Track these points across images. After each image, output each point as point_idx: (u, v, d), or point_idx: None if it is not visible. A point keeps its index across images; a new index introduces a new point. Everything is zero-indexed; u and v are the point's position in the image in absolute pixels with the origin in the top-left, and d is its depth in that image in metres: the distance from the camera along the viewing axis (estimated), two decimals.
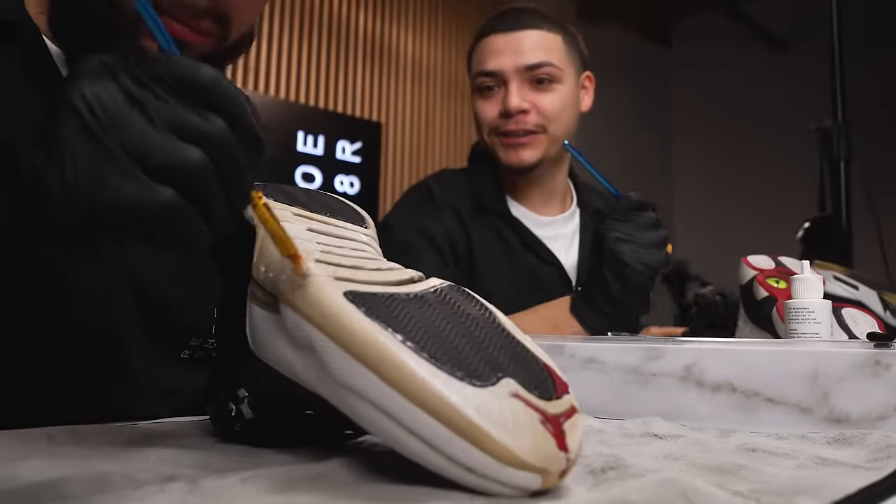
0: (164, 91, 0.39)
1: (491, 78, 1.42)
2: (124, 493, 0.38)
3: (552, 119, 1.41)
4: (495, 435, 0.37)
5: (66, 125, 0.37)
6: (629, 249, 1.14)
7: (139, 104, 0.38)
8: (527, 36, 1.41)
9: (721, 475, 0.44)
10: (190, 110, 0.39)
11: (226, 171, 0.40)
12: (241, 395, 0.53)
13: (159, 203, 0.38)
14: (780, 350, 0.68)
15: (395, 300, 0.44)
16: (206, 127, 0.39)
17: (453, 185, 1.46)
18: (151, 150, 0.37)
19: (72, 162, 0.37)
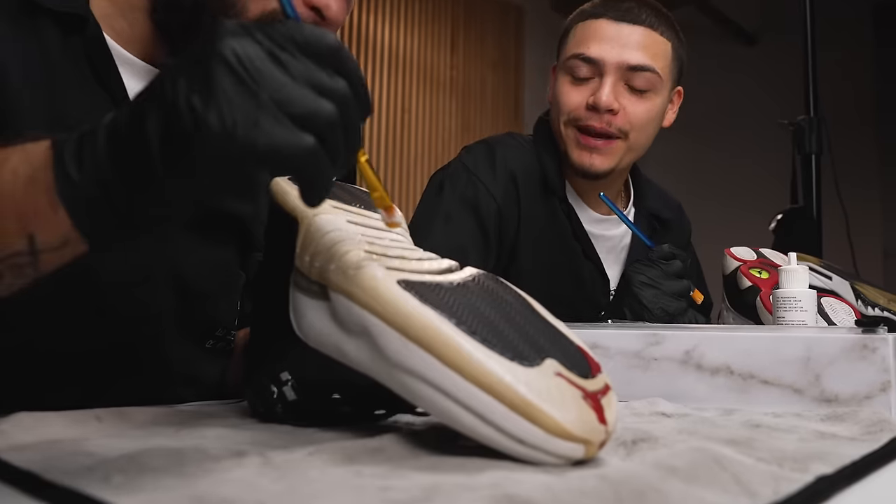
0: (297, 52, 0.43)
1: (587, 65, 1.29)
2: (205, 465, 0.41)
3: (638, 128, 1.31)
4: (545, 409, 0.41)
5: (220, 75, 0.41)
6: (651, 294, 1.17)
7: (279, 61, 0.42)
8: (638, 32, 1.29)
9: (737, 446, 0.48)
10: (320, 69, 0.44)
11: (347, 125, 0.45)
12: (283, 377, 0.57)
13: (303, 147, 0.42)
14: (775, 336, 0.73)
15: (442, 288, 0.47)
16: (334, 85, 0.44)
17: (519, 153, 1.37)
18: (294, 101, 0.42)
19: (228, 106, 0.41)
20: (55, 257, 0.47)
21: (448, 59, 4.47)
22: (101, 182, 0.44)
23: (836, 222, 2.03)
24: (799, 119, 1.96)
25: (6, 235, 0.46)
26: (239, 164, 0.42)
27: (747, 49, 5.11)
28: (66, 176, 0.45)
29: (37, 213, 0.45)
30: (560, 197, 1.36)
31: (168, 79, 0.42)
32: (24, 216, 0.46)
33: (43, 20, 0.71)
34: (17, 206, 0.46)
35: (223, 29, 0.43)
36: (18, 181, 0.46)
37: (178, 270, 0.78)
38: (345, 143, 0.45)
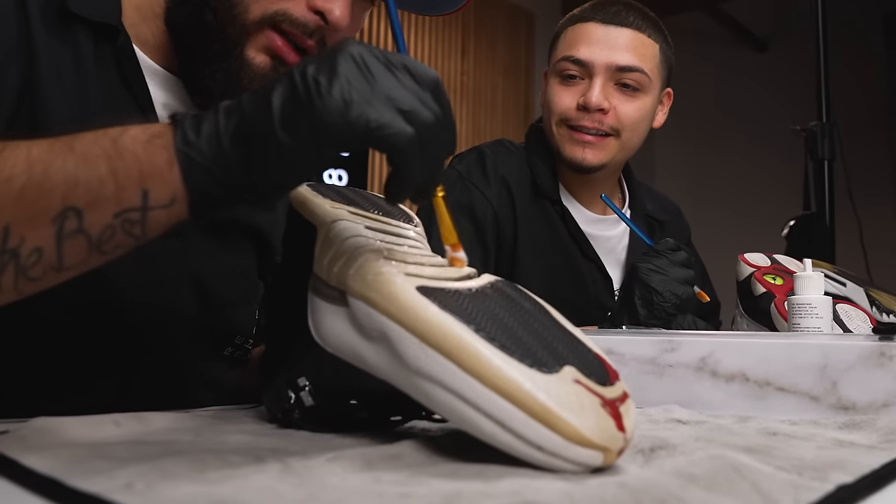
0: (407, 73, 0.50)
1: (577, 67, 1.34)
2: (225, 471, 0.41)
3: (629, 127, 1.35)
4: (564, 416, 0.41)
5: (344, 64, 0.48)
6: (659, 279, 1.21)
7: (392, 72, 0.49)
8: (626, 35, 1.33)
9: (755, 454, 0.48)
10: (423, 91, 0.50)
11: (437, 145, 0.50)
12: (301, 383, 0.57)
13: (406, 132, 0.48)
14: (791, 343, 0.73)
15: (460, 294, 0.48)
16: (433, 106, 0.50)
17: (510, 159, 1.41)
18: (402, 99, 0.48)
19: (348, 86, 0.47)
20: (162, 216, 0.51)
21: (459, 64, 4.48)
22: (216, 142, 0.49)
23: (849, 228, 2.02)
24: (811, 125, 1.95)
25: (125, 190, 0.49)
26: (349, 136, 0.48)
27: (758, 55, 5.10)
28: (184, 135, 0.50)
29: (154, 170, 0.50)
30: (553, 199, 1.39)
31: (297, 67, 0.49)
32: (143, 172, 0.49)
33: (77, 28, 0.72)
34: (138, 163, 0.50)
35: (351, 41, 0.50)
36: (139, 142, 0.50)
37: (198, 277, 0.79)
38: (436, 155, 0.50)
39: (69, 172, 0.49)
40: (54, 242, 0.49)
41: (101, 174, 0.49)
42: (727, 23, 4.94)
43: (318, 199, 0.59)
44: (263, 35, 0.72)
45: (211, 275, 0.80)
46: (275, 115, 0.48)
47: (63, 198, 0.49)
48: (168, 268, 0.76)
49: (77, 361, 0.72)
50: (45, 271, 0.50)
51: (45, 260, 0.49)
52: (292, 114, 0.48)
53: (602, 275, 1.41)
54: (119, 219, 0.50)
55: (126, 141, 0.50)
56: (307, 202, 0.59)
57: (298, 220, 0.59)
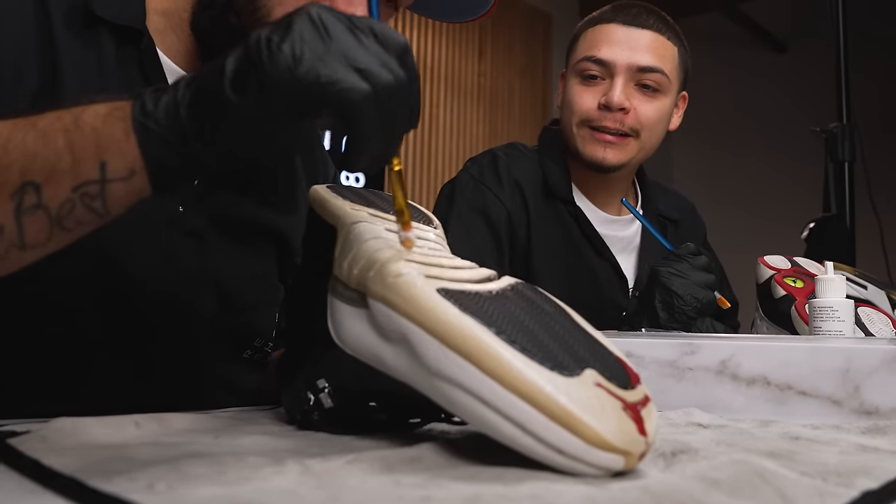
0: (372, 37, 0.49)
1: (598, 66, 1.35)
2: (245, 473, 0.41)
3: (648, 127, 1.36)
4: (585, 419, 0.41)
5: (301, 23, 0.47)
6: (681, 283, 1.20)
7: (354, 34, 0.48)
8: (647, 36, 1.35)
9: (778, 459, 0.48)
10: (387, 54, 0.48)
11: (398, 110, 0.49)
12: (320, 385, 0.57)
13: (360, 88, 0.47)
14: (813, 346, 0.72)
15: (481, 297, 0.47)
16: (396, 69, 0.48)
17: (522, 162, 1.42)
18: (359, 58, 0.47)
19: (300, 43, 0.47)
20: (122, 190, 0.50)
21: (476, 66, 4.48)
22: (173, 111, 0.49)
23: (870, 231, 2.01)
24: (831, 126, 1.94)
25: (83, 162, 0.49)
26: (300, 93, 0.47)
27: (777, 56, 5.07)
28: (142, 106, 0.49)
29: (111, 141, 0.49)
30: (566, 199, 1.40)
31: (254, 32, 0.48)
32: (100, 144, 0.49)
33: (100, 30, 0.73)
34: (95, 135, 0.50)
35: (312, 3, 0.49)
36: (98, 116, 0.50)
37: (218, 279, 0.79)
38: (393, 122, 0.48)
39: (28, 147, 0.49)
40: (13, 218, 0.49)
41: (58, 147, 0.49)
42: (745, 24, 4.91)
43: (338, 201, 0.59)
44: None
45: (231, 277, 0.80)
46: (226, 76, 0.48)
47: (21, 173, 0.49)
48: (188, 269, 0.76)
49: (97, 360, 0.73)
50: (8, 248, 0.50)
51: (7, 237, 0.50)
52: (242, 73, 0.47)
53: (617, 274, 1.41)
54: (78, 192, 0.50)
55: (87, 115, 0.50)
56: (326, 204, 0.59)
57: (318, 221, 0.59)
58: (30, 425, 0.53)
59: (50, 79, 0.69)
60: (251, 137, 0.50)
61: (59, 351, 0.71)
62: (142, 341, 0.74)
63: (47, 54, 0.70)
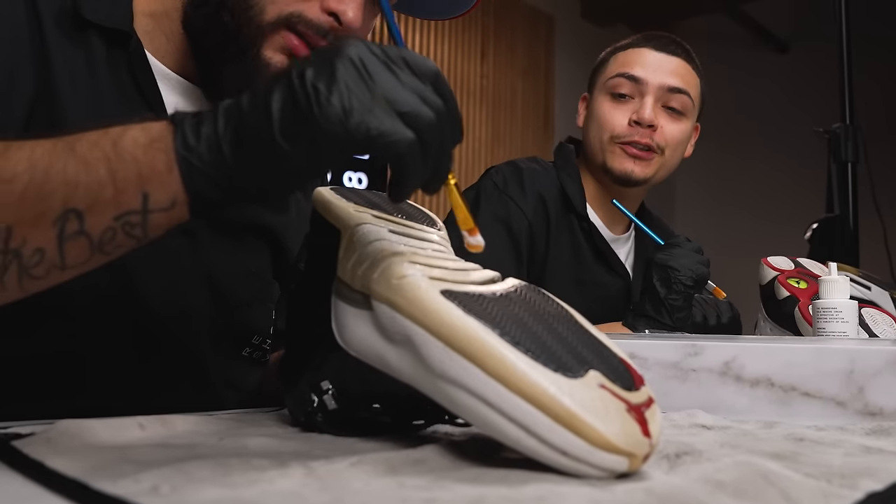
0: (406, 67, 0.50)
1: (630, 83, 1.43)
2: (249, 475, 0.41)
3: (672, 146, 1.44)
4: (589, 421, 0.41)
5: (343, 69, 0.48)
6: (677, 261, 1.30)
7: (391, 70, 0.49)
8: (675, 62, 1.44)
9: (782, 460, 0.48)
10: (424, 85, 0.50)
11: (442, 139, 0.50)
12: (324, 386, 0.57)
13: (406, 137, 0.48)
14: (817, 347, 0.72)
15: (485, 298, 0.47)
16: (434, 99, 0.49)
17: (543, 175, 1.47)
18: (401, 101, 0.48)
19: (348, 93, 0.47)
20: (163, 219, 0.51)
21: (478, 67, 4.48)
22: (216, 147, 0.49)
23: (873, 231, 2.00)
24: (834, 127, 1.94)
25: (125, 193, 0.50)
26: (349, 144, 0.48)
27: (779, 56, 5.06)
28: (184, 139, 0.50)
29: (153, 173, 0.50)
30: (581, 215, 1.46)
31: (295, 69, 0.49)
32: (142, 176, 0.50)
33: (90, 33, 0.74)
34: (137, 166, 0.50)
35: (348, 40, 0.49)
36: (139, 145, 0.50)
37: (212, 276, 0.79)
38: (440, 152, 0.50)
39: (70, 175, 0.50)
40: (56, 244, 0.50)
41: (100, 177, 0.50)
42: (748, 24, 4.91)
43: (342, 203, 0.59)
44: (279, 35, 0.73)
45: (225, 274, 0.81)
46: (274, 123, 0.48)
47: (64, 200, 0.49)
48: (183, 267, 0.77)
49: (97, 360, 0.73)
50: (49, 270, 0.51)
51: (48, 260, 0.50)
52: (292, 121, 0.48)
53: (626, 287, 1.48)
54: (119, 221, 0.50)
55: (126, 143, 0.50)
56: (330, 205, 0.59)
57: (322, 223, 0.59)
58: (34, 427, 0.54)
59: (45, 84, 0.70)
60: (297, 177, 0.51)
61: (59, 352, 0.71)
62: (141, 341, 0.75)
63: (40, 59, 0.70)
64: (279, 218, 0.87)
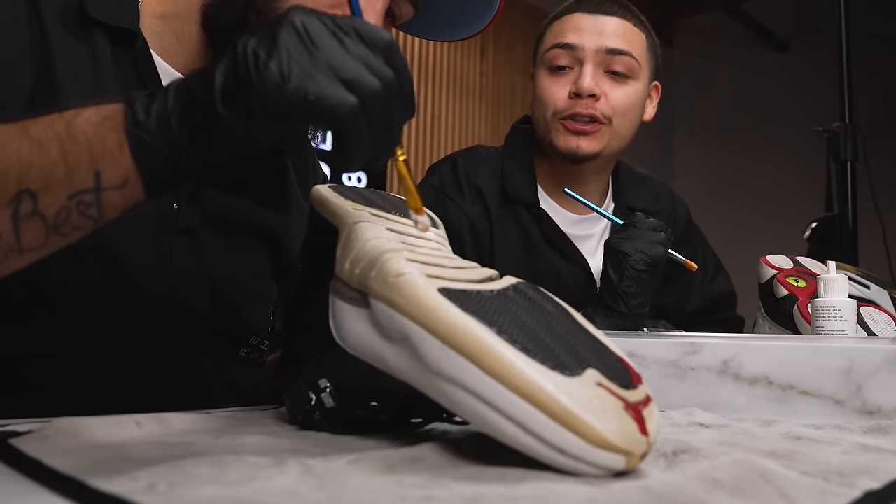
0: (356, 37, 0.49)
1: (567, 53, 1.34)
2: (245, 473, 0.41)
3: (620, 113, 1.35)
4: (587, 419, 0.41)
5: (286, 35, 0.48)
6: (629, 245, 1.20)
7: (339, 39, 0.49)
8: (613, 22, 1.35)
9: (780, 458, 0.48)
10: (374, 55, 0.49)
11: (390, 111, 0.49)
12: (322, 385, 0.57)
13: (348, 103, 0.47)
14: (815, 346, 0.72)
15: (482, 296, 0.47)
16: (383, 70, 0.49)
17: (483, 167, 1.40)
18: (345, 68, 0.48)
19: (287, 59, 0.47)
20: (117, 197, 0.51)
21: (478, 65, 4.48)
22: (164, 122, 0.49)
23: (872, 230, 2.00)
24: (834, 126, 1.94)
25: (77, 171, 0.50)
26: (289, 110, 0.47)
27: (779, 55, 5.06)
28: (133, 116, 0.50)
29: (104, 151, 0.50)
30: (527, 203, 1.38)
31: (240, 41, 0.49)
32: (93, 154, 0.50)
33: (95, 31, 0.74)
34: (89, 145, 0.50)
35: (296, 8, 0.49)
36: (91, 124, 0.51)
37: (211, 276, 0.79)
38: (385, 124, 0.49)
39: (24, 156, 0.50)
40: (11, 225, 0.50)
41: (52, 157, 0.50)
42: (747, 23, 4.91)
43: (340, 201, 0.59)
44: None
45: (225, 275, 0.81)
46: (216, 91, 0.48)
47: (17, 181, 0.50)
48: (183, 266, 0.77)
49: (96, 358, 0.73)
50: (6, 253, 0.51)
51: (5, 242, 0.50)
52: (232, 88, 0.48)
53: (586, 276, 1.39)
54: (73, 200, 0.50)
55: (79, 122, 0.51)
56: (328, 203, 0.59)
57: (320, 221, 0.59)
58: (31, 425, 0.54)
59: (46, 79, 0.70)
60: (243, 147, 0.50)
61: (58, 350, 0.71)
62: (140, 339, 0.75)
63: (41, 55, 0.70)
64: (279, 219, 0.87)
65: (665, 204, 1.53)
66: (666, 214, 1.50)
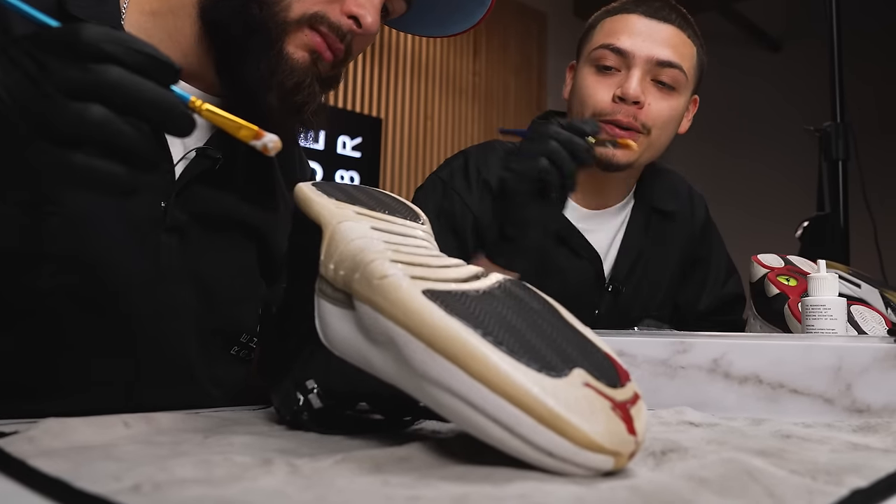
0: (55, 58, 0.45)
1: (616, 56, 1.28)
2: (232, 472, 0.41)
3: (660, 125, 1.30)
4: (574, 421, 0.41)
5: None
6: (505, 167, 1.09)
7: (35, 81, 0.45)
8: (668, 31, 1.29)
9: (768, 457, 0.48)
10: (78, 70, 0.45)
11: (138, 104, 0.46)
12: (309, 385, 0.57)
13: (72, 166, 0.45)
14: (805, 344, 0.72)
15: (467, 297, 0.47)
16: (94, 78, 0.45)
17: (493, 161, 1.35)
18: (53, 121, 0.45)
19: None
20: None
21: (471, 65, 4.48)
22: None
23: (864, 229, 2.01)
24: (825, 125, 1.94)
25: None
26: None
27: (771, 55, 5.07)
28: None
29: None
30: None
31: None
32: None
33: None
34: None
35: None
36: None
37: (199, 274, 0.79)
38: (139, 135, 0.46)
39: None
40: None
41: None
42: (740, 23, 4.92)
43: (323, 199, 0.59)
44: (303, 33, 0.75)
45: (213, 272, 0.80)
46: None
47: None
48: (170, 265, 0.76)
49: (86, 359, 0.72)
50: None
51: None
52: None
53: (595, 271, 1.35)
54: None
55: None
56: (311, 202, 0.58)
57: (304, 220, 0.59)
58: (18, 426, 0.53)
59: None
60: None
61: (46, 354, 0.71)
62: (130, 341, 0.74)
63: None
64: (266, 215, 0.86)
65: (683, 200, 1.50)
66: (685, 211, 1.48)
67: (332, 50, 0.76)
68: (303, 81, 0.75)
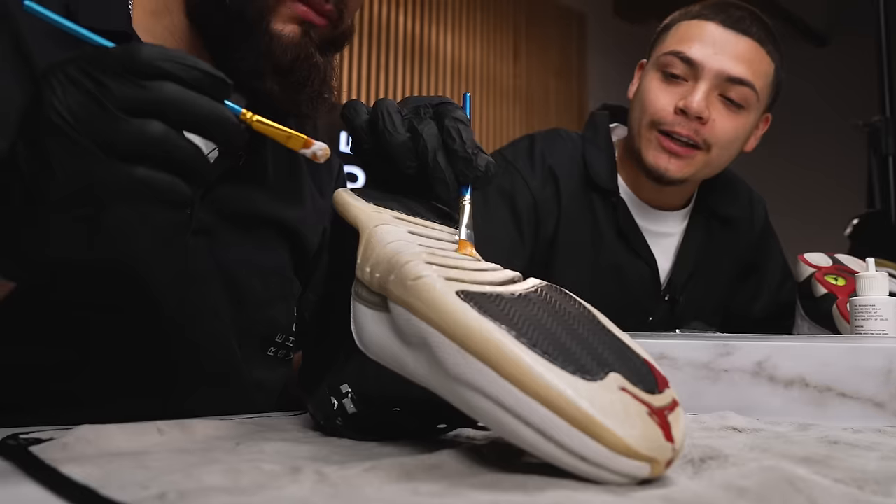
0: (113, 78, 0.47)
1: (684, 65, 1.22)
2: (259, 480, 0.40)
3: (722, 144, 1.24)
4: (609, 426, 0.39)
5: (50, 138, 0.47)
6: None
7: (98, 100, 0.46)
8: (745, 44, 1.22)
9: (813, 465, 0.46)
10: (137, 88, 0.47)
11: (195, 119, 0.48)
12: (343, 390, 0.56)
13: (136, 181, 0.47)
14: (853, 346, 0.70)
15: (503, 299, 0.46)
16: (153, 96, 0.47)
17: (561, 149, 1.31)
18: (116, 139, 0.46)
19: (60, 167, 0.46)
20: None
21: (511, 67, 4.46)
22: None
23: None
24: (874, 119, 1.90)
25: None
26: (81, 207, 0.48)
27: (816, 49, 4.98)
28: None
29: None
30: (607, 190, 1.29)
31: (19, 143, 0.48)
32: None
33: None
34: None
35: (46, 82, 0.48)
36: None
37: (232, 275, 0.78)
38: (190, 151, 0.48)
39: None
40: None
41: None
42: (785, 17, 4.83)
43: (360, 203, 0.58)
44: (286, 6, 0.72)
45: (243, 272, 0.79)
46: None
47: None
48: (197, 266, 0.75)
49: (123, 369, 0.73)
50: None
51: None
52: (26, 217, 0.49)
53: (652, 273, 1.31)
54: None
55: None
56: (349, 206, 0.58)
57: (342, 224, 0.58)
58: (53, 433, 0.53)
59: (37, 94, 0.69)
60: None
61: (83, 364, 0.71)
62: (164, 347, 0.74)
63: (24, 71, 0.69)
64: (294, 212, 0.85)
65: (744, 205, 1.45)
66: (745, 217, 1.44)
67: (321, 13, 0.73)
68: (298, 56, 0.73)
